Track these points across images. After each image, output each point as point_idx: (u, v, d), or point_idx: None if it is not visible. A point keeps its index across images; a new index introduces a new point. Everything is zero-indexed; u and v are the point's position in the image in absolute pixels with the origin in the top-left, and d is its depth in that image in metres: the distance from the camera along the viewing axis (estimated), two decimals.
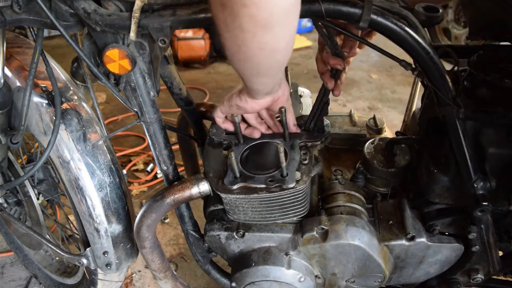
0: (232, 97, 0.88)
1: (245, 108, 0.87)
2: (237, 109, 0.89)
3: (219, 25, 0.64)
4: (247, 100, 0.85)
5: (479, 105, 0.82)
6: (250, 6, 0.57)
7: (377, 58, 3.76)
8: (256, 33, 0.61)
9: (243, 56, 0.67)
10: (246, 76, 0.76)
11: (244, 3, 0.56)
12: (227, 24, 0.62)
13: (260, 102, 0.86)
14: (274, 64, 0.72)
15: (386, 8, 0.71)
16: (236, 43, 0.65)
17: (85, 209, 1.03)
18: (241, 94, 0.86)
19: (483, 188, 0.84)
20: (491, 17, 0.82)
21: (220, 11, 0.60)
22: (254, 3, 0.56)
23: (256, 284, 0.99)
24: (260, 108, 0.89)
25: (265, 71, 0.74)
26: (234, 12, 0.58)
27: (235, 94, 0.87)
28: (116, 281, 1.30)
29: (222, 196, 0.90)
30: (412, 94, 1.22)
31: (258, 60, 0.68)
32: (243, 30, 0.61)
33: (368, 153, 1.04)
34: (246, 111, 0.89)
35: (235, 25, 0.61)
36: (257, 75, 0.75)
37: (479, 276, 1.00)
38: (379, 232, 0.97)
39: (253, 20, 0.59)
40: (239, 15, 0.58)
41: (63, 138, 0.99)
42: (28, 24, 0.84)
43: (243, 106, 0.87)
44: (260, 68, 0.72)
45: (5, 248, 1.76)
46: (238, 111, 0.90)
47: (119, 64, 0.78)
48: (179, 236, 1.85)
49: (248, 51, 0.65)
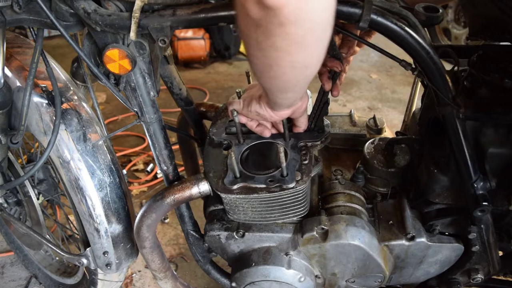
0: (252, 103, 0.87)
1: (264, 116, 0.87)
2: (256, 115, 0.88)
3: (250, 44, 0.62)
4: (267, 110, 0.85)
5: (479, 105, 0.82)
6: (287, 25, 0.55)
7: (377, 58, 3.76)
8: (290, 52, 0.60)
9: (273, 74, 0.66)
10: (272, 92, 0.75)
11: (281, 22, 0.54)
12: (259, 43, 0.60)
13: (280, 113, 0.86)
14: (303, 80, 0.70)
15: (386, 8, 0.71)
16: (267, 62, 0.63)
17: (85, 209, 1.03)
18: (261, 102, 0.85)
19: (483, 188, 0.84)
20: (490, 18, 0.83)
21: (253, 30, 0.59)
22: (291, 22, 0.54)
23: (256, 284, 0.99)
24: (278, 119, 0.88)
25: (293, 87, 0.73)
26: (269, 31, 0.57)
27: (255, 100, 0.86)
28: (116, 281, 1.30)
29: (222, 196, 0.90)
30: (412, 94, 1.22)
31: (289, 77, 0.67)
32: (276, 49, 0.59)
33: (368, 153, 1.04)
34: (265, 119, 0.89)
35: (268, 43, 0.59)
36: (284, 91, 0.74)
37: (479, 276, 1.00)
38: (379, 232, 0.97)
39: (288, 39, 0.57)
40: (274, 34, 0.57)
41: (63, 138, 0.99)
42: (28, 24, 0.85)
43: (263, 114, 0.86)
44: (288, 85, 0.71)
45: (5, 248, 1.76)
46: (257, 118, 0.90)
47: (119, 64, 0.78)
48: (179, 236, 1.85)
49: (279, 69, 0.64)
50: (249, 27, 0.59)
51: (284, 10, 0.52)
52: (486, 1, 0.81)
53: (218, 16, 0.73)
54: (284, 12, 0.53)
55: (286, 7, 0.52)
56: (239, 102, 0.91)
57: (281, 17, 0.53)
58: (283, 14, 0.53)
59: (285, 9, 0.52)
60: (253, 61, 0.66)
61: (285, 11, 0.52)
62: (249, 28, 0.59)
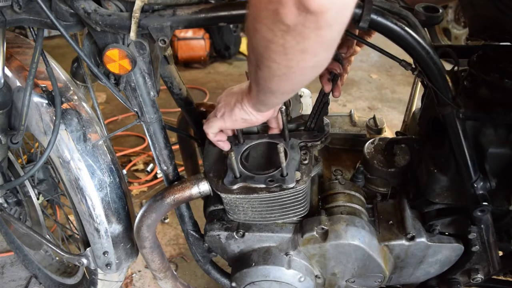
0: (234, 112, 0.85)
1: (251, 121, 0.86)
2: (242, 123, 0.87)
3: (272, 49, 0.60)
4: (253, 112, 0.84)
5: (479, 105, 0.82)
6: (323, 28, 0.54)
7: (377, 58, 3.76)
8: (318, 53, 0.59)
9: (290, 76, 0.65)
10: (276, 94, 0.74)
11: (319, 26, 0.53)
12: (285, 48, 0.58)
13: (266, 114, 0.85)
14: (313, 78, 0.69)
15: (386, 8, 0.71)
16: (289, 65, 0.62)
17: (85, 209, 1.03)
18: (243, 107, 0.83)
19: (483, 188, 0.84)
20: (490, 19, 0.82)
21: (280, 36, 0.57)
22: (329, 25, 0.53)
23: (256, 284, 0.99)
24: (265, 119, 0.88)
25: (300, 87, 0.72)
26: (302, 36, 0.55)
27: (237, 108, 0.84)
28: (116, 281, 1.30)
29: (222, 196, 0.90)
30: (412, 94, 1.22)
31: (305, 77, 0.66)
32: (304, 52, 0.58)
33: (368, 153, 1.04)
34: (252, 123, 0.87)
35: (297, 48, 0.58)
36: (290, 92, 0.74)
37: (479, 276, 1.00)
38: (379, 232, 0.97)
39: (321, 41, 0.57)
40: (308, 38, 0.55)
41: (63, 138, 0.99)
42: (28, 24, 0.85)
43: (249, 119, 0.85)
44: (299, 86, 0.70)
45: (5, 248, 1.76)
46: (244, 124, 0.88)
47: (119, 64, 0.78)
48: (179, 236, 1.85)
49: (299, 70, 0.63)
50: (276, 32, 0.57)
51: (327, 15, 0.51)
52: (485, 2, 0.80)
53: (218, 16, 0.73)
54: (326, 17, 0.52)
55: (329, 12, 0.51)
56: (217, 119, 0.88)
57: (321, 21, 0.52)
58: (324, 18, 0.52)
59: (328, 14, 0.51)
60: (267, 65, 0.64)
61: (328, 15, 0.52)
62: (276, 33, 0.57)
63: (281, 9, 0.53)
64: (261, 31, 0.58)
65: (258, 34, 0.59)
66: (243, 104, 0.83)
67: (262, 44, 0.61)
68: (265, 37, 0.59)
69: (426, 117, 0.96)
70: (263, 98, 0.77)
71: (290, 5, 0.52)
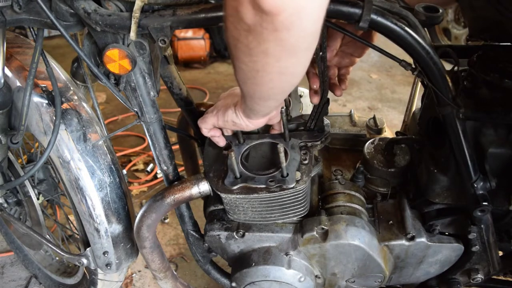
0: (227, 112, 0.86)
1: (240, 125, 0.86)
2: (232, 125, 0.88)
3: (238, 48, 0.61)
4: (243, 118, 0.84)
5: (479, 105, 0.82)
6: (281, 31, 0.54)
7: (377, 58, 3.76)
8: (280, 58, 0.60)
9: (259, 80, 0.66)
10: (254, 99, 0.75)
11: (276, 27, 0.54)
12: (250, 49, 0.60)
13: (256, 122, 0.86)
14: (288, 88, 0.71)
15: (386, 8, 0.71)
16: (255, 68, 0.63)
17: (85, 209, 1.03)
18: (237, 111, 0.84)
19: (483, 188, 0.84)
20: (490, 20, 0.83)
21: (244, 35, 0.58)
22: (285, 27, 0.54)
23: (256, 284, 0.99)
24: (254, 128, 0.88)
25: (276, 95, 0.72)
26: (261, 37, 0.56)
27: (230, 110, 0.85)
28: (116, 281, 1.30)
29: (222, 196, 0.90)
30: (412, 94, 1.22)
31: (274, 84, 0.67)
32: (267, 55, 0.59)
33: (368, 153, 1.04)
34: (242, 128, 0.88)
35: (259, 49, 0.59)
36: (267, 98, 0.74)
37: (479, 276, 1.00)
38: (379, 232, 0.97)
39: (281, 45, 0.57)
40: (267, 40, 0.56)
41: (63, 138, 0.99)
42: (28, 24, 0.85)
43: (239, 123, 0.86)
44: (272, 92, 0.70)
45: (5, 248, 1.76)
46: (233, 127, 0.89)
47: (119, 64, 0.78)
48: (179, 236, 1.85)
49: (267, 75, 0.64)
50: (240, 31, 0.58)
51: (280, 16, 0.52)
52: (484, 4, 0.81)
53: (218, 16, 0.73)
54: (281, 18, 0.53)
55: (283, 13, 0.52)
56: (212, 115, 0.90)
57: (277, 23, 0.53)
58: (279, 20, 0.53)
59: (282, 15, 0.52)
60: (239, 66, 0.65)
61: (282, 17, 0.52)
62: (240, 32, 0.58)
63: (240, 7, 0.55)
64: (230, 29, 0.60)
65: (228, 32, 0.61)
66: (237, 108, 0.84)
67: (232, 43, 0.62)
68: (233, 36, 0.60)
69: (426, 117, 0.96)
70: (248, 103, 0.78)
71: (246, 4, 0.53)
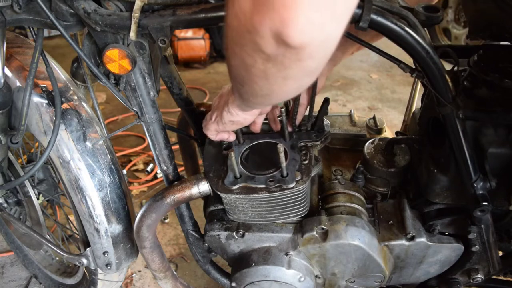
0: (222, 115, 0.86)
1: (239, 122, 0.86)
2: (232, 125, 0.87)
3: (253, 73, 0.59)
4: (238, 113, 0.83)
5: (479, 105, 0.82)
6: (305, 60, 0.53)
7: (377, 58, 3.75)
8: (300, 80, 0.60)
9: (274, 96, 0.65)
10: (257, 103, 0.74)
11: (300, 58, 0.52)
12: (267, 74, 0.58)
13: (252, 112, 0.85)
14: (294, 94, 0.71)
15: (386, 8, 0.71)
16: (271, 88, 0.62)
17: (85, 209, 1.03)
18: (230, 109, 0.83)
19: (483, 188, 0.84)
20: (491, 17, 0.82)
21: (261, 63, 0.56)
22: (310, 57, 0.53)
23: (256, 284, 0.99)
24: (253, 118, 0.88)
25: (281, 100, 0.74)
26: (283, 65, 0.55)
27: (224, 112, 0.85)
28: (116, 281, 1.30)
29: (222, 196, 0.90)
30: (412, 94, 1.22)
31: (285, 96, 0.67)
32: (286, 79, 0.58)
33: (368, 153, 1.04)
34: (241, 124, 0.88)
35: (279, 75, 0.57)
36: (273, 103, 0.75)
37: (479, 276, 1.00)
38: (379, 232, 0.97)
39: (303, 71, 0.56)
40: (289, 68, 0.55)
41: (63, 138, 0.99)
42: (28, 24, 0.85)
43: (237, 120, 0.85)
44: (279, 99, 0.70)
45: (5, 248, 1.76)
46: (234, 126, 0.89)
47: (119, 64, 0.78)
48: (179, 236, 1.85)
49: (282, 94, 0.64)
50: (256, 59, 0.56)
51: (308, 49, 0.50)
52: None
53: (218, 16, 0.72)
54: (308, 51, 0.51)
55: (310, 46, 0.50)
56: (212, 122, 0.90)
57: (303, 55, 0.52)
58: (305, 52, 0.51)
59: (308, 48, 0.50)
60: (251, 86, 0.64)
61: (309, 49, 0.51)
62: (256, 60, 0.56)
63: (259, 40, 0.51)
64: (242, 56, 0.58)
65: (239, 58, 0.59)
66: (229, 106, 0.83)
67: (243, 67, 0.60)
68: (245, 62, 0.58)
69: (426, 117, 0.96)
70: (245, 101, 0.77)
71: (268, 38, 0.50)
